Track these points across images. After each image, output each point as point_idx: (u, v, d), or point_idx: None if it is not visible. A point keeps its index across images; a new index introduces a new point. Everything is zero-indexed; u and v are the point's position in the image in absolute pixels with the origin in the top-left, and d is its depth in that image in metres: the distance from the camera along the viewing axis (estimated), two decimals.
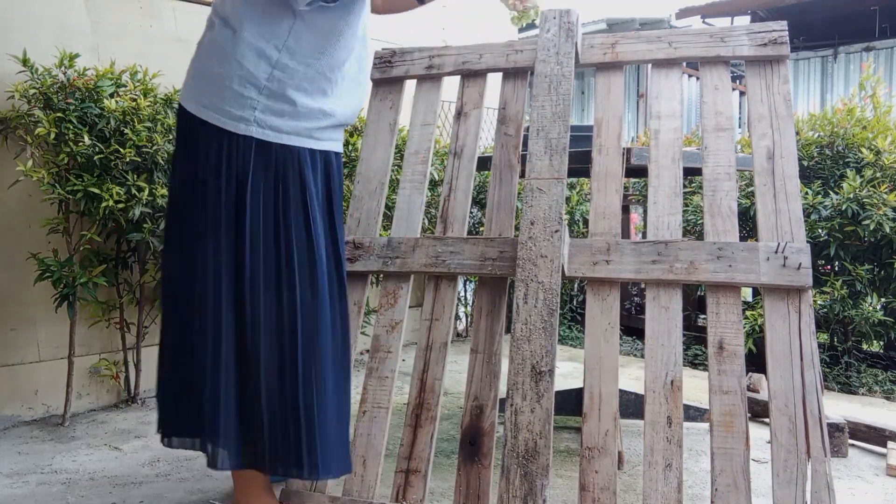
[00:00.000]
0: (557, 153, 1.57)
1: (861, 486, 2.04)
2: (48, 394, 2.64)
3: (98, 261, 2.56)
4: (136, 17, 2.85)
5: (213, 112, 1.50)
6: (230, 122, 1.49)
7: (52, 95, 2.39)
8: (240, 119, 1.49)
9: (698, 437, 2.42)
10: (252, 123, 1.49)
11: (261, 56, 1.48)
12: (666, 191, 1.70)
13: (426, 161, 1.94)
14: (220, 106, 1.49)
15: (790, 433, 1.42)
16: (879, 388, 3.11)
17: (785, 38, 1.73)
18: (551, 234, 1.54)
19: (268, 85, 1.49)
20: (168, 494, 1.94)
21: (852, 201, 2.97)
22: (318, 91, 1.56)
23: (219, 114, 1.49)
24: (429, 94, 2.02)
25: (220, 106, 1.49)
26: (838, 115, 3.30)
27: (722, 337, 1.53)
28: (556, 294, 1.49)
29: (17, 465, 2.16)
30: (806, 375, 1.45)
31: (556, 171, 1.55)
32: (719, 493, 1.42)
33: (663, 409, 1.50)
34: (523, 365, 1.46)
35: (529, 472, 1.38)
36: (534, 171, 1.58)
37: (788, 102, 1.69)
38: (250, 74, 1.48)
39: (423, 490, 1.60)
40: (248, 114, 1.49)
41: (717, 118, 1.74)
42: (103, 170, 2.44)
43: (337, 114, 1.61)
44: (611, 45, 1.88)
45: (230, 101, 1.49)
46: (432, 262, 1.78)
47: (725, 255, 1.57)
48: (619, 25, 8.18)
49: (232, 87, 1.48)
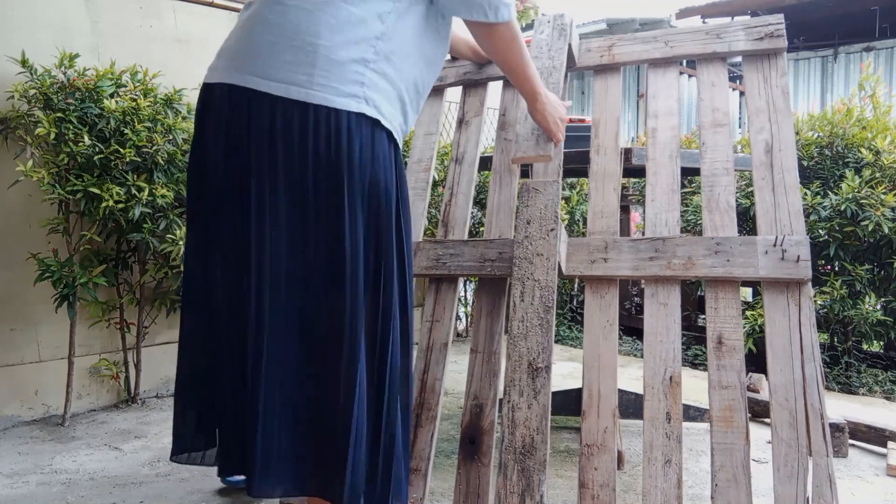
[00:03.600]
0: (544, 134, 1.56)
1: (861, 486, 2.03)
2: (48, 394, 2.64)
3: (98, 261, 2.56)
4: (136, 17, 2.86)
5: (304, 88, 1.19)
6: (337, 99, 1.20)
7: (52, 95, 2.39)
8: (349, 95, 1.21)
9: (698, 438, 2.42)
10: (362, 100, 1.22)
11: (361, 22, 1.22)
12: (663, 188, 1.70)
13: (429, 169, 1.96)
14: (318, 82, 1.19)
15: (791, 427, 1.42)
16: (879, 388, 3.10)
17: (781, 30, 1.73)
18: (547, 233, 1.54)
19: (374, 58, 1.24)
20: (168, 494, 1.94)
21: (851, 201, 2.97)
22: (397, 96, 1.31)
23: (319, 90, 1.19)
24: (431, 104, 2.05)
25: (318, 82, 1.19)
26: (838, 116, 3.30)
27: (721, 332, 1.53)
28: (552, 291, 1.49)
29: (17, 465, 2.16)
30: (806, 369, 1.45)
31: (542, 149, 1.54)
32: (719, 488, 1.42)
33: (662, 406, 1.49)
34: (520, 362, 1.46)
35: (527, 467, 1.38)
36: (520, 150, 1.55)
37: (786, 95, 1.69)
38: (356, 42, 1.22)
39: (424, 489, 1.60)
40: (356, 90, 1.22)
41: (715, 114, 1.75)
42: (103, 170, 2.44)
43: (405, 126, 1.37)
44: (608, 47, 1.89)
45: (332, 74, 1.20)
46: (433, 264, 1.78)
47: (723, 250, 1.57)
48: (619, 26, 8.20)
49: (331, 58, 1.20)
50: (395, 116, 1.30)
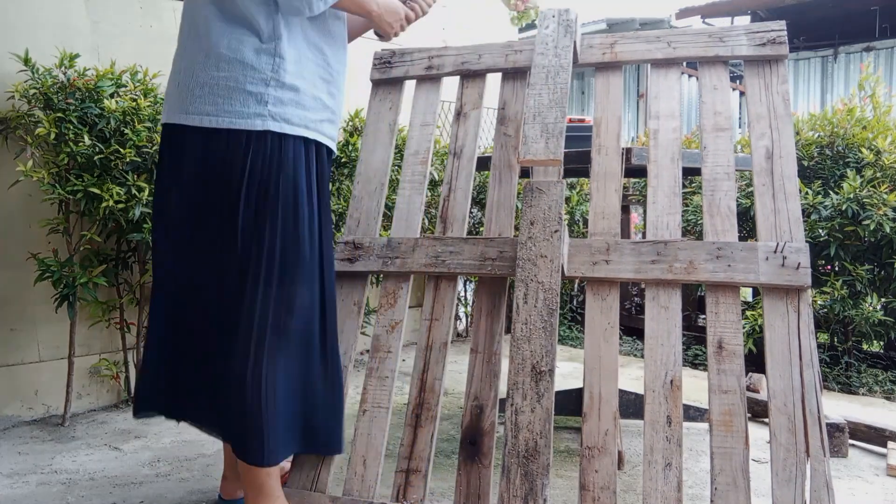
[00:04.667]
0: (553, 137, 1.56)
1: (861, 486, 2.04)
2: (48, 394, 2.64)
3: (98, 261, 2.56)
4: (136, 17, 2.85)
5: (224, 117, 1.50)
6: (244, 122, 1.49)
7: (53, 95, 2.39)
8: (255, 115, 1.49)
9: (698, 437, 2.42)
10: (267, 118, 1.50)
11: (259, 51, 1.50)
12: (665, 190, 1.70)
13: (426, 161, 1.94)
14: (230, 109, 1.49)
15: (789, 432, 1.42)
16: (879, 388, 3.11)
17: (784, 37, 1.73)
18: (551, 234, 1.54)
19: (274, 76, 1.50)
20: (168, 494, 1.94)
21: (852, 201, 2.97)
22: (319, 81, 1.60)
23: (231, 116, 1.49)
24: (428, 94, 2.03)
25: (230, 109, 1.49)
26: (838, 115, 3.30)
27: (721, 336, 1.53)
28: (555, 294, 1.49)
29: (17, 465, 2.16)
30: (805, 375, 1.45)
31: (553, 153, 1.54)
32: (719, 492, 1.42)
33: (663, 409, 1.50)
34: (523, 365, 1.46)
35: (530, 471, 1.38)
36: (529, 152, 1.56)
37: (787, 102, 1.69)
38: (254, 70, 1.49)
39: (424, 490, 1.60)
40: (262, 109, 1.50)
41: (716, 118, 1.75)
42: (103, 170, 2.44)
43: (335, 109, 1.65)
44: (609, 45, 1.88)
45: (241, 101, 1.49)
46: (432, 262, 1.78)
47: (724, 255, 1.57)
48: (619, 25, 8.20)
49: (241, 88, 1.49)
50: (309, 115, 1.57)
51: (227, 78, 1.49)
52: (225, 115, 1.49)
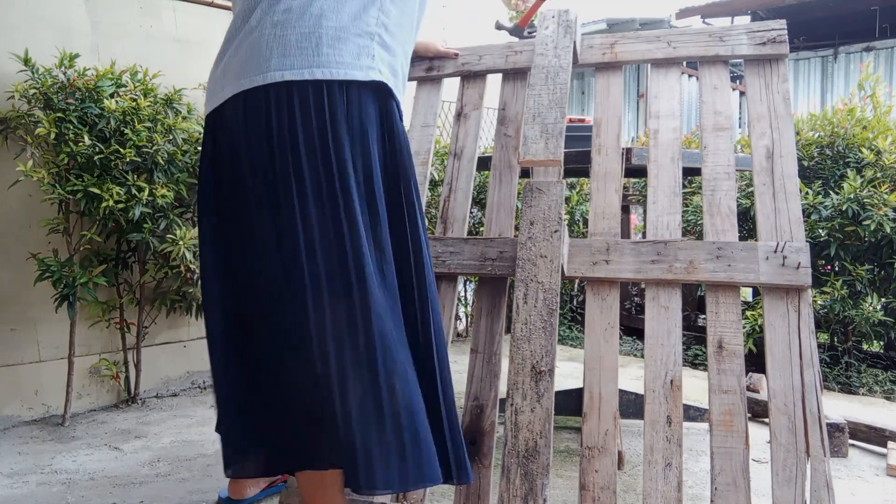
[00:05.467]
0: (553, 137, 1.56)
1: (861, 486, 2.04)
2: (48, 394, 2.64)
3: (98, 261, 2.56)
4: (136, 17, 2.85)
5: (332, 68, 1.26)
6: (356, 73, 1.28)
7: (53, 95, 2.39)
8: (363, 67, 1.29)
9: (698, 437, 2.42)
10: (375, 70, 1.30)
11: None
12: (665, 190, 1.70)
13: (426, 162, 1.94)
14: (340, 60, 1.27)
15: (789, 432, 1.42)
16: (879, 388, 3.11)
17: (784, 37, 1.73)
18: (551, 235, 1.54)
19: (377, 31, 1.33)
20: (168, 494, 1.94)
21: (853, 201, 2.97)
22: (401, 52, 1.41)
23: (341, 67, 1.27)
24: (429, 95, 2.03)
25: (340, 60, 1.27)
26: (838, 115, 3.30)
27: (721, 336, 1.53)
28: (555, 294, 1.49)
29: (17, 465, 2.16)
30: (805, 375, 1.45)
31: (552, 153, 1.54)
32: (719, 492, 1.42)
33: (663, 409, 1.50)
34: (523, 365, 1.46)
35: (530, 471, 1.38)
36: (528, 153, 1.55)
37: (787, 101, 1.69)
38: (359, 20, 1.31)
39: (424, 489, 1.60)
40: (367, 62, 1.30)
41: (716, 118, 1.74)
42: (103, 170, 2.44)
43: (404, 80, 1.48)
44: (610, 45, 1.88)
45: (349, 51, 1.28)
46: (432, 262, 1.78)
47: (725, 255, 1.57)
48: (619, 25, 8.19)
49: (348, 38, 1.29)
50: (399, 87, 1.40)
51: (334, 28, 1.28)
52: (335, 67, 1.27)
